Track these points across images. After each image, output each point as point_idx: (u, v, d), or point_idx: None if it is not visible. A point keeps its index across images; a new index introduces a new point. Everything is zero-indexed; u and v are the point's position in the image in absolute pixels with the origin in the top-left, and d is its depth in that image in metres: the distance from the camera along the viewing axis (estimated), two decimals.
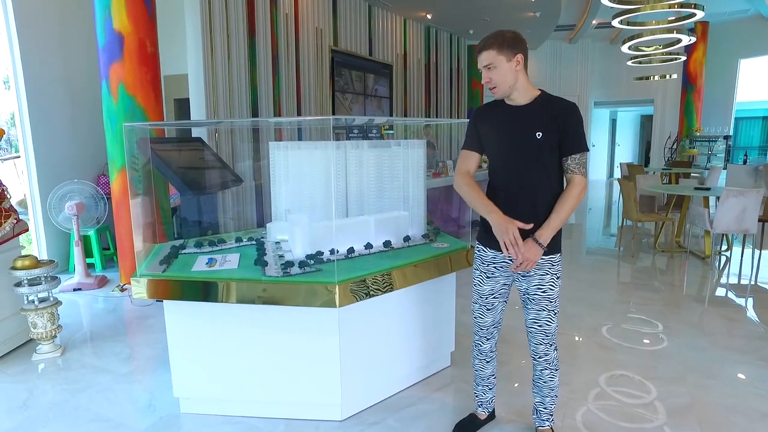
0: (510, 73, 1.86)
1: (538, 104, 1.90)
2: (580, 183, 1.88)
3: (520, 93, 1.90)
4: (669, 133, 11.20)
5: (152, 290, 2.19)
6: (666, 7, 5.97)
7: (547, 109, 1.88)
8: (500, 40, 1.85)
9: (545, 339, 2.01)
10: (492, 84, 1.89)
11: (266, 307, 2.20)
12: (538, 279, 1.96)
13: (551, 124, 1.85)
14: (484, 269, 2.07)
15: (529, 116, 1.89)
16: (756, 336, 3.38)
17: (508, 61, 1.85)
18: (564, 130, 1.85)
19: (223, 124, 5.87)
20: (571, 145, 1.86)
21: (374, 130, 6.45)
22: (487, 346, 2.19)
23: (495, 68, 1.86)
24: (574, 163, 1.87)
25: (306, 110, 6.88)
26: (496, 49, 1.85)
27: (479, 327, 2.17)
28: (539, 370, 2.07)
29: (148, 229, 2.76)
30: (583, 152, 1.88)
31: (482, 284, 2.09)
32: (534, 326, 2.01)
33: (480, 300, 2.12)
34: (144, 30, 4.12)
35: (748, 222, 4.71)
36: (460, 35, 10.75)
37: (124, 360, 3.07)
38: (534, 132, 1.86)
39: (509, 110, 1.94)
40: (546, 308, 1.98)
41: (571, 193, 1.88)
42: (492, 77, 1.88)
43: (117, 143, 4.18)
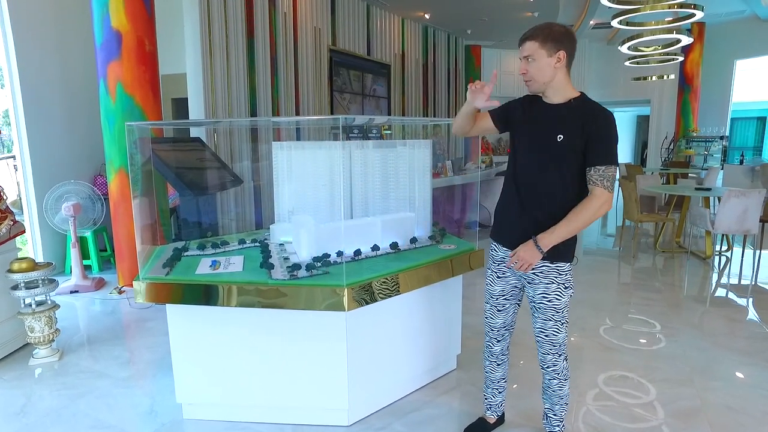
0: (548, 69, 1.77)
1: (569, 106, 1.80)
2: (600, 196, 1.73)
3: (555, 91, 1.81)
4: (666, 134, 11.22)
5: (156, 294, 2.14)
6: (666, 7, 5.96)
7: (578, 113, 1.77)
8: (546, 32, 1.76)
9: (552, 349, 1.96)
10: (528, 76, 1.81)
11: (271, 310, 2.15)
12: (543, 288, 1.89)
13: (577, 129, 1.74)
14: (495, 268, 2.04)
15: (556, 117, 1.80)
16: (759, 337, 3.37)
17: (549, 56, 1.76)
18: (591, 137, 1.73)
19: (222, 123, 5.81)
20: (596, 155, 1.72)
21: (374, 130, 6.42)
22: (498, 348, 2.15)
23: (534, 61, 1.77)
24: (597, 175, 1.73)
25: (304, 110, 6.83)
26: (540, 41, 1.76)
27: (490, 328, 2.13)
28: (547, 379, 2.03)
29: (150, 230, 2.71)
30: (609, 165, 1.72)
31: (493, 284, 2.06)
32: (541, 335, 1.96)
33: (491, 300, 2.08)
34: (142, 28, 4.06)
35: (750, 222, 4.71)
36: (458, 35, 10.73)
37: (124, 364, 3.01)
38: (556, 133, 1.77)
39: (541, 106, 1.87)
40: (552, 318, 1.90)
41: (588, 204, 1.74)
42: (529, 69, 1.79)
43: (115, 143, 4.12)
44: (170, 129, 4.79)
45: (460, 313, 2.87)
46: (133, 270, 4.27)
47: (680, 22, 7.04)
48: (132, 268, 4.27)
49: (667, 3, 5.95)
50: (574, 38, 1.81)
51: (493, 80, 1.90)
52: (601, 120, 1.75)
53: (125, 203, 4.16)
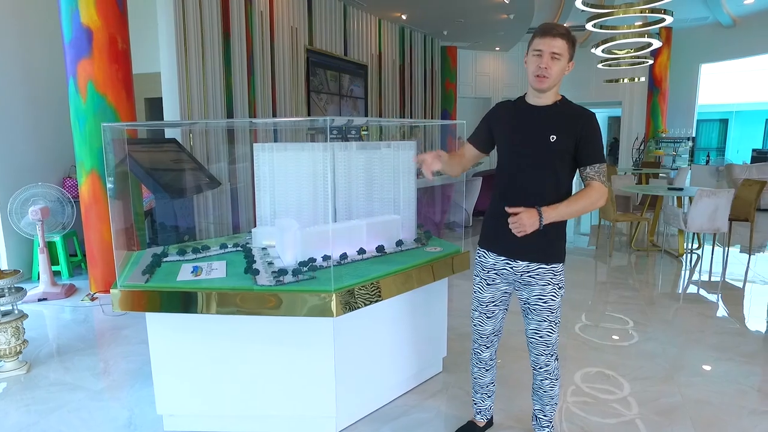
0: (562, 73, 1.81)
1: (557, 108, 1.84)
2: (599, 189, 1.80)
3: (551, 94, 1.84)
4: (636, 135, 11.53)
5: (135, 302, 2.05)
6: (638, 12, 6.11)
7: (567, 115, 1.82)
8: (573, 38, 1.79)
9: (546, 350, 1.97)
10: (547, 73, 1.76)
11: (255, 317, 2.09)
12: (540, 289, 1.90)
13: (568, 130, 1.80)
14: (485, 276, 2.02)
15: (546, 118, 1.83)
16: (732, 332, 3.47)
17: (568, 60, 1.80)
18: (582, 138, 1.80)
19: (199, 124, 5.67)
20: (590, 154, 1.80)
21: (353, 131, 6.38)
22: (486, 355, 2.15)
23: (559, 60, 1.76)
24: (594, 172, 1.81)
25: (281, 110, 6.74)
26: (569, 43, 1.78)
27: (479, 335, 2.12)
28: (539, 380, 2.04)
29: (126, 235, 2.60)
30: (602, 163, 1.82)
31: (482, 291, 2.04)
32: (535, 337, 1.97)
33: (480, 308, 2.07)
34: (114, 25, 3.92)
35: (719, 221, 4.86)
36: (435, 36, 10.78)
37: (98, 375, 2.88)
38: (548, 135, 1.80)
39: (528, 109, 1.88)
40: (547, 319, 1.93)
41: (589, 192, 1.81)
42: (552, 67, 1.76)
43: (86, 144, 3.96)
44: (144, 129, 4.64)
45: (446, 315, 2.86)
46: (107, 275, 4.12)
47: (650, 26, 7.23)
48: (105, 274, 4.12)
49: (639, 8, 6.10)
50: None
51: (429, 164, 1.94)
52: (591, 121, 1.82)
53: (98, 206, 4.01)
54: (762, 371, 2.91)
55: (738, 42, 10.74)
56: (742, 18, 10.53)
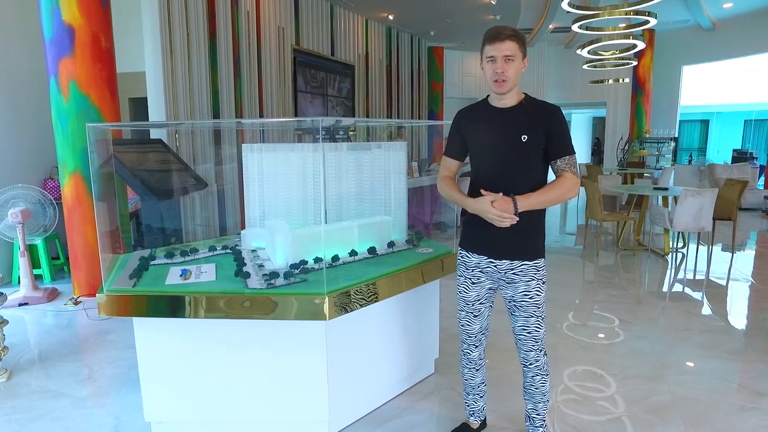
0: (519, 72, 1.84)
1: (523, 107, 1.88)
2: (571, 179, 1.85)
3: (513, 94, 1.87)
4: (621, 135, 11.67)
5: (122, 307, 2.00)
6: (623, 13, 6.18)
7: (534, 113, 1.86)
8: (521, 36, 1.81)
9: (535, 345, 1.98)
10: (504, 76, 1.79)
11: (245, 321, 2.05)
12: (524, 285, 1.92)
13: (537, 127, 1.84)
14: (469, 275, 2.03)
15: (516, 119, 1.86)
16: (719, 330, 3.52)
17: (522, 59, 1.83)
18: (551, 133, 1.84)
19: (187, 125, 5.58)
20: (559, 148, 1.85)
21: (342, 132, 6.34)
22: (476, 354, 2.15)
23: (513, 61, 1.80)
24: (564, 163, 1.86)
25: (268, 110, 6.68)
26: (519, 43, 1.80)
27: (467, 335, 2.12)
28: (530, 377, 2.04)
29: (111, 237, 2.54)
30: (571, 154, 1.86)
31: (467, 291, 2.05)
32: (523, 333, 1.98)
33: (466, 307, 2.07)
34: (97, 23, 3.83)
35: (704, 220, 4.93)
36: (421, 36, 10.79)
37: (83, 381, 2.81)
38: (520, 135, 1.84)
39: (495, 112, 1.91)
40: (534, 314, 1.94)
41: (561, 182, 1.85)
42: (508, 69, 1.79)
43: (68, 144, 3.87)
44: (129, 130, 4.55)
45: (438, 316, 2.85)
46: (90, 279, 4.03)
47: (634, 28, 7.32)
48: (89, 277, 4.03)
49: (624, 9, 6.17)
50: None
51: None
52: (557, 115, 1.86)
53: (81, 208, 3.92)
54: (748, 368, 2.95)
55: (718, 45, 10.94)
56: (722, 21, 10.73)
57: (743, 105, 14.50)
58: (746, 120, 15.22)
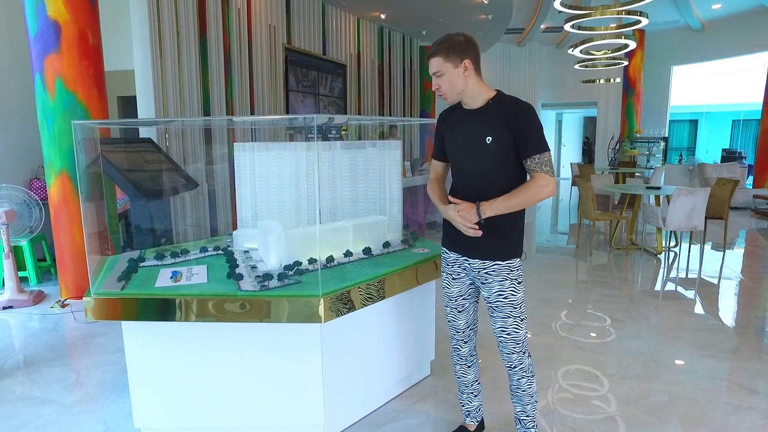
0: (458, 79, 1.83)
1: (489, 107, 1.85)
2: (541, 179, 1.78)
3: (472, 97, 1.86)
4: (612, 135, 11.73)
5: (110, 311, 1.93)
6: (615, 13, 6.20)
7: (499, 112, 1.82)
8: (446, 46, 1.81)
9: (516, 347, 1.95)
10: (441, 91, 1.88)
11: (238, 324, 2.00)
12: (498, 285, 1.91)
13: (503, 128, 1.79)
14: (450, 271, 2.05)
15: (480, 120, 1.85)
16: (713, 329, 3.53)
17: (455, 67, 1.81)
18: (519, 132, 1.78)
19: (177, 123, 5.49)
20: (529, 147, 1.78)
21: (334, 131, 6.29)
22: (465, 350, 2.14)
23: (442, 75, 1.83)
24: (534, 163, 1.78)
25: (259, 109, 6.60)
26: (443, 56, 1.81)
27: (455, 330, 2.12)
28: (516, 380, 2.02)
29: (99, 238, 2.47)
30: (542, 152, 1.78)
31: (449, 286, 2.07)
32: (502, 335, 1.96)
33: (450, 303, 2.08)
34: (84, 19, 3.74)
35: (696, 219, 4.95)
36: (413, 36, 10.76)
37: (70, 387, 2.74)
38: (484, 136, 1.82)
39: (463, 114, 1.92)
40: (511, 315, 1.92)
41: (529, 184, 1.80)
42: (441, 84, 1.85)
43: (54, 143, 3.78)
44: (117, 129, 4.46)
45: (434, 317, 2.82)
46: (78, 281, 3.95)
47: (625, 28, 7.35)
48: (76, 279, 3.94)
49: (616, 9, 6.18)
50: (475, 43, 1.86)
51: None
52: (524, 114, 1.79)
53: (68, 209, 3.83)
54: (742, 367, 2.95)
55: (707, 45, 11.05)
56: (710, 22, 10.83)
57: (731, 105, 14.66)
58: (734, 120, 15.40)
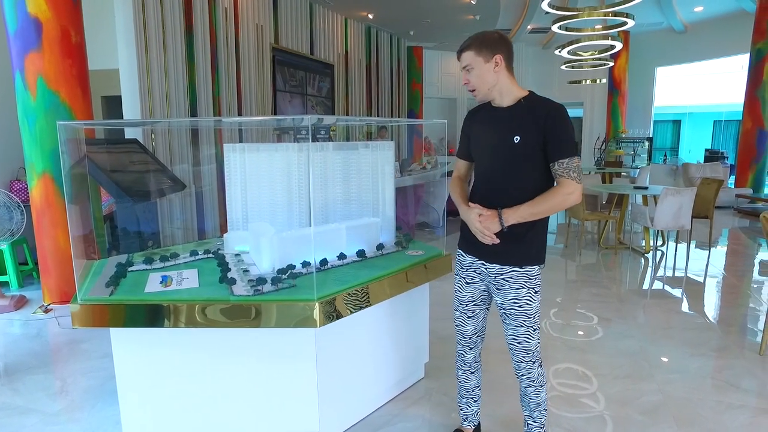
0: (488, 75, 1.79)
1: (521, 107, 1.80)
2: (568, 185, 1.73)
3: (502, 95, 1.82)
4: (598, 135, 11.85)
5: (98, 317, 1.87)
6: (601, 15, 6.25)
7: (530, 112, 1.78)
8: (480, 40, 1.79)
9: (526, 356, 1.92)
10: (471, 86, 1.84)
11: (230, 330, 1.95)
12: (513, 293, 1.86)
13: (533, 128, 1.75)
14: (464, 275, 1.99)
15: (509, 119, 1.80)
16: (702, 328, 3.56)
17: (486, 62, 1.78)
18: (549, 133, 1.74)
19: (163, 123, 5.39)
20: (558, 150, 1.74)
21: (323, 131, 6.23)
22: (470, 356, 2.10)
23: (473, 69, 1.80)
24: (562, 168, 1.74)
25: (247, 110, 6.53)
26: (475, 50, 1.78)
27: (462, 335, 2.07)
28: (524, 387, 1.99)
29: (85, 242, 2.40)
30: (571, 157, 1.73)
31: (461, 291, 2.01)
32: (513, 343, 1.92)
33: (460, 307, 2.03)
34: (67, 17, 3.65)
35: (684, 219, 5.01)
36: (401, 36, 10.75)
37: (54, 395, 2.65)
38: (512, 135, 1.77)
39: (494, 111, 1.87)
40: (523, 324, 1.87)
41: (555, 191, 1.75)
42: (470, 79, 1.82)
43: (36, 144, 3.67)
44: (102, 129, 4.36)
45: (428, 320, 2.79)
46: (62, 284, 3.85)
47: (611, 29, 7.42)
48: (60, 283, 3.84)
49: (603, 11, 6.23)
50: (509, 41, 1.84)
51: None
52: (555, 114, 1.75)
53: (51, 211, 3.73)
54: (732, 365, 2.97)
55: (689, 47, 11.22)
56: (693, 24, 11.00)
57: (713, 106, 14.93)
58: (716, 120, 15.67)
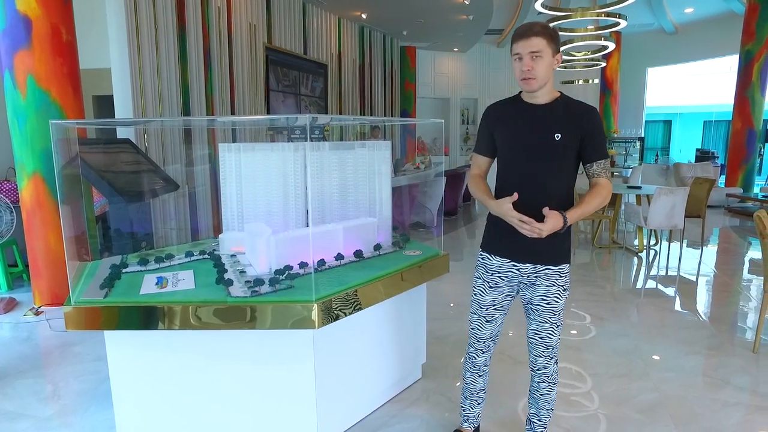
0: (550, 69, 1.75)
1: (558, 105, 1.80)
2: (607, 185, 1.80)
3: (545, 91, 1.79)
4: None
5: (93, 320, 1.84)
6: (594, 15, 6.28)
7: (569, 111, 1.79)
8: (550, 31, 1.73)
9: (546, 351, 1.93)
10: (532, 74, 1.71)
11: (227, 332, 1.93)
12: (543, 290, 1.86)
13: (572, 127, 1.76)
14: (488, 278, 1.95)
15: (549, 116, 1.79)
16: (697, 326, 3.58)
17: (552, 55, 1.74)
18: (587, 135, 1.77)
19: (163, 123, 5.34)
20: (595, 150, 1.79)
21: (317, 131, 6.20)
22: (482, 360, 2.07)
23: (541, 58, 1.71)
24: (600, 168, 1.80)
25: (240, 109, 6.49)
26: (547, 38, 1.71)
27: (476, 339, 2.04)
28: (536, 383, 1.99)
29: (78, 243, 2.36)
30: (606, 158, 1.81)
31: (483, 294, 1.96)
32: (535, 337, 1.92)
33: (480, 311, 1.99)
34: (57, 14, 3.59)
35: (677, 218, 5.04)
36: (394, 36, 10.73)
37: (46, 400, 2.61)
38: (553, 133, 1.76)
39: (528, 108, 1.83)
40: (549, 320, 1.88)
41: (600, 192, 1.79)
42: (536, 67, 1.71)
43: (26, 144, 3.62)
44: (94, 129, 4.31)
45: (425, 320, 2.78)
46: (53, 287, 3.79)
47: (603, 30, 7.46)
48: (52, 285, 3.78)
49: (596, 12, 6.26)
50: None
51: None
52: (594, 116, 1.81)
53: (42, 212, 3.67)
54: (727, 362, 2.99)
55: (679, 48, 11.33)
56: (683, 26, 11.11)
57: (703, 106, 15.07)
58: (705, 120, 15.82)
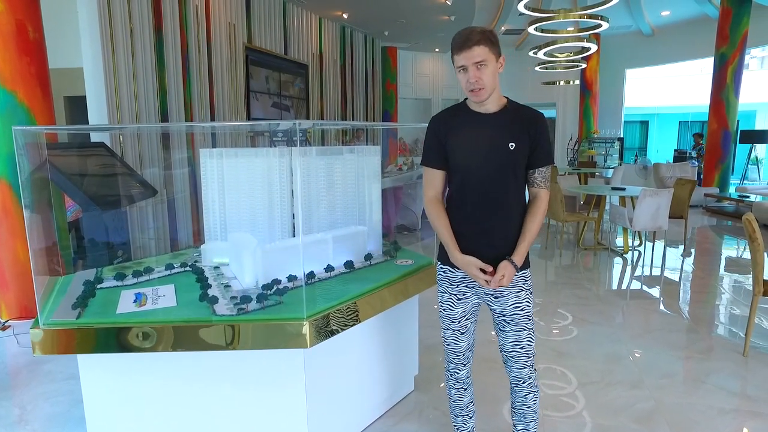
0: (496, 74, 1.69)
1: (508, 112, 1.75)
2: (545, 198, 1.79)
3: (494, 99, 1.73)
4: (570, 135, 12.03)
5: (65, 344, 1.70)
6: (576, 17, 6.29)
7: (518, 118, 1.74)
8: (489, 36, 1.66)
9: (528, 361, 1.86)
10: (480, 84, 1.65)
11: (211, 352, 1.81)
12: (514, 298, 1.81)
13: (522, 135, 1.72)
14: (454, 291, 1.86)
15: (501, 125, 1.73)
16: (687, 329, 3.59)
17: (496, 60, 1.68)
18: (535, 140, 1.73)
19: (136, 128, 5.13)
20: (542, 157, 1.76)
21: (300, 134, 6.07)
22: (464, 373, 1.99)
23: (486, 66, 1.64)
24: (541, 177, 1.78)
25: (219, 110, 6.31)
26: (489, 45, 1.64)
27: (455, 354, 1.95)
28: (522, 396, 1.91)
29: (47, 255, 2.20)
30: (548, 165, 1.79)
31: (453, 308, 1.88)
32: (515, 349, 1.85)
33: (453, 325, 1.90)
34: (23, 10, 3.40)
35: (661, 219, 5.07)
36: (376, 36, 10.64)
37: (12, 425, 2.43)
38: (507, 142, 1.71)
39: (478, 118, 1.75)
40: (526, 327, 1.83)
41: (540, 208, 1.78)
42: (482, 77, 1.64)
43: None
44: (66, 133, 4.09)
45: (417, 331, 2.70)
46: (21, 299, 3.59)
47: (584, 32, 7.51)
48: (20, 298, 3.58)
49: (579, 13, 6.28)
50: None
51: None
52: (543, 122, 1.78)
53: (8, 220, 3.47)
54: (720, 367, 2.98)
55: (656, 50, 11.51)
56: (660, 28, 11.29)
57: (679, 107, 15.38)
58: (681, 121, 16.15)
